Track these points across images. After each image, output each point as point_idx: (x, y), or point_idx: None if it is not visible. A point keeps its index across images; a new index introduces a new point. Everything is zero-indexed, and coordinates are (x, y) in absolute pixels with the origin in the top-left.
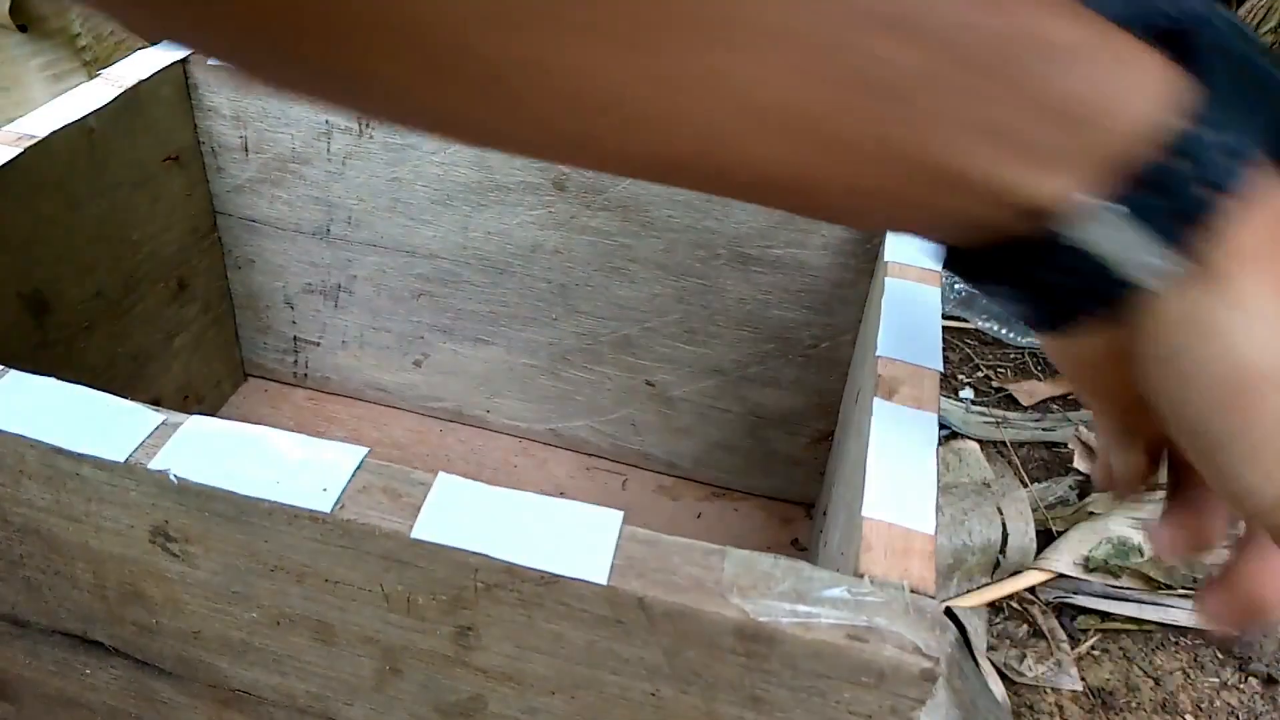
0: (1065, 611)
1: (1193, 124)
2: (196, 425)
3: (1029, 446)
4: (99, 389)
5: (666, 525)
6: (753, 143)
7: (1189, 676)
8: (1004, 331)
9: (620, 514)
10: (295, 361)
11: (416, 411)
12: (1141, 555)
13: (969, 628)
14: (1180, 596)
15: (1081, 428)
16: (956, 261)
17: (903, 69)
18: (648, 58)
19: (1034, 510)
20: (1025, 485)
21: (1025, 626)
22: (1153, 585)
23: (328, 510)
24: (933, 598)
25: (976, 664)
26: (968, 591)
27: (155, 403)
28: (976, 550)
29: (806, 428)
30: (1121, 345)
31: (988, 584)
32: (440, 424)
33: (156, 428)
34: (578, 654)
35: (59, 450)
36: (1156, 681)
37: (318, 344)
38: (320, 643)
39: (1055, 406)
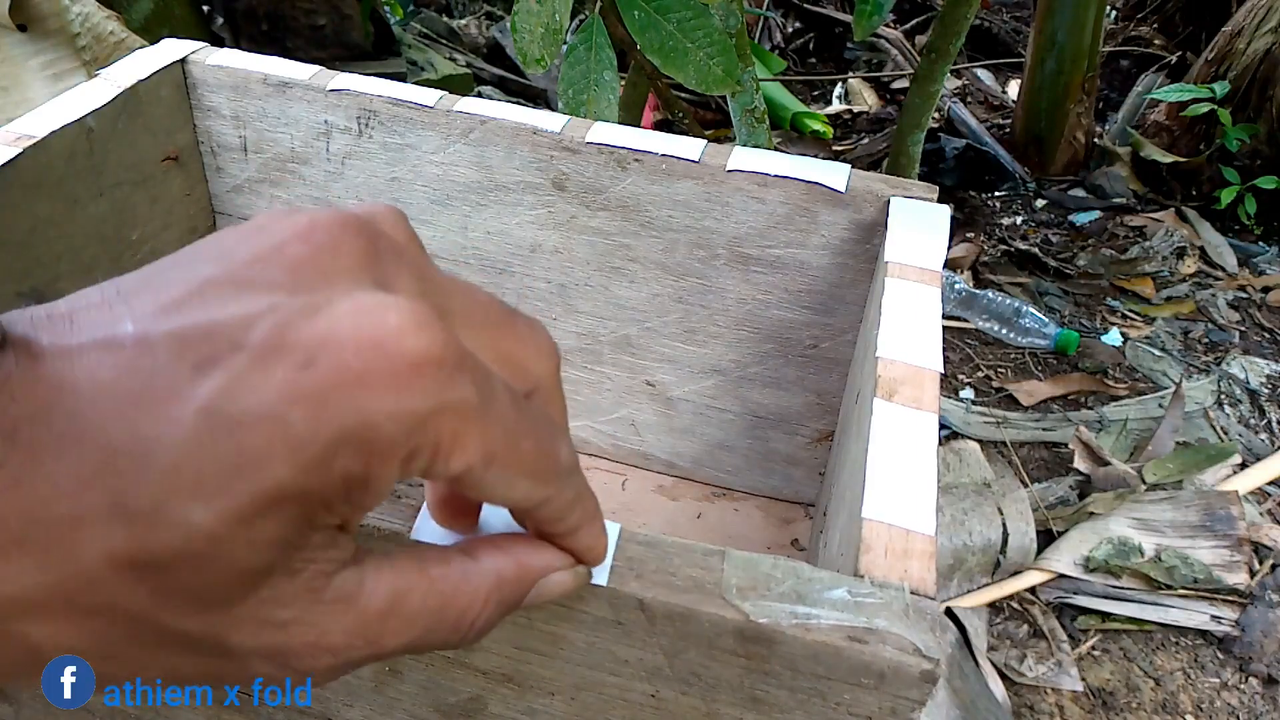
0: (1065, 612)
1: None
2: None
3: (1029, 446)
4: None
5: (666, 525)
6: None
7: (1189, 677)
8: (1004, 332)
9: (618, 526)
10: None
11: None
12: (1142, 555)
13: (969, 628)
14: (1180, 597)
15: (1081, 428)
16: None
17: None
18: None
19: (1034, 510)
20: (1025, 485)
21: (1025, 626)
22: (1153, 585)
23: None
24: (933, 599)
25: (977, 664)
26: (968, 592)
27: None
28: (976, 550)
29: (806, 428)
30: None
31: (988, 584)
32: None
33: None
34: (577, 655)
35: None
36: (1157, 682)
37: None
38: None
39: (1055, 406)
